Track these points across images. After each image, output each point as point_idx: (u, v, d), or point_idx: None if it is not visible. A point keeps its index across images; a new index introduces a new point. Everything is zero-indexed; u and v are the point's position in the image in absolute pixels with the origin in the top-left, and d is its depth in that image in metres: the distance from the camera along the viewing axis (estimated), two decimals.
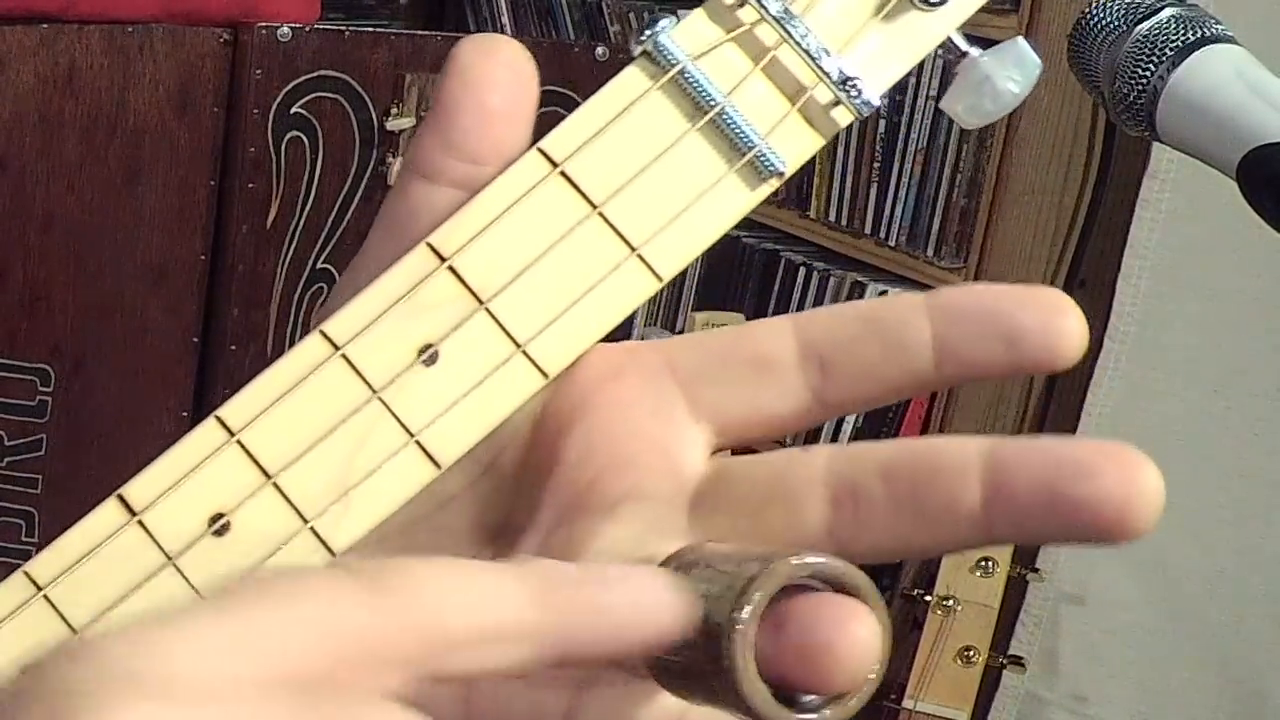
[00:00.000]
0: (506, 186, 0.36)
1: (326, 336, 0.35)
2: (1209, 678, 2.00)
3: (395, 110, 2.01)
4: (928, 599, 1.76)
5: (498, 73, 0.35)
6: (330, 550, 0.35)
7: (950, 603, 1.75)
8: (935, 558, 1.75)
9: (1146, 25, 0.87)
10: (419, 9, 2.88)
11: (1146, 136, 0.89)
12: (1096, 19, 0.90)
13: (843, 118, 0.37)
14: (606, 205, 0.36)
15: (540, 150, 0.36)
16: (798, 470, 0.34)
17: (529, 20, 2.84)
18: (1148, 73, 0.86)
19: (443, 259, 0.35)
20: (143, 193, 1.96)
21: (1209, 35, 0.86)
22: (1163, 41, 0.86)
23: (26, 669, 0.26)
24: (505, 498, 0.37)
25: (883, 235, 2.32)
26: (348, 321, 0.35)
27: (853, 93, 0.36)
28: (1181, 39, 0.86)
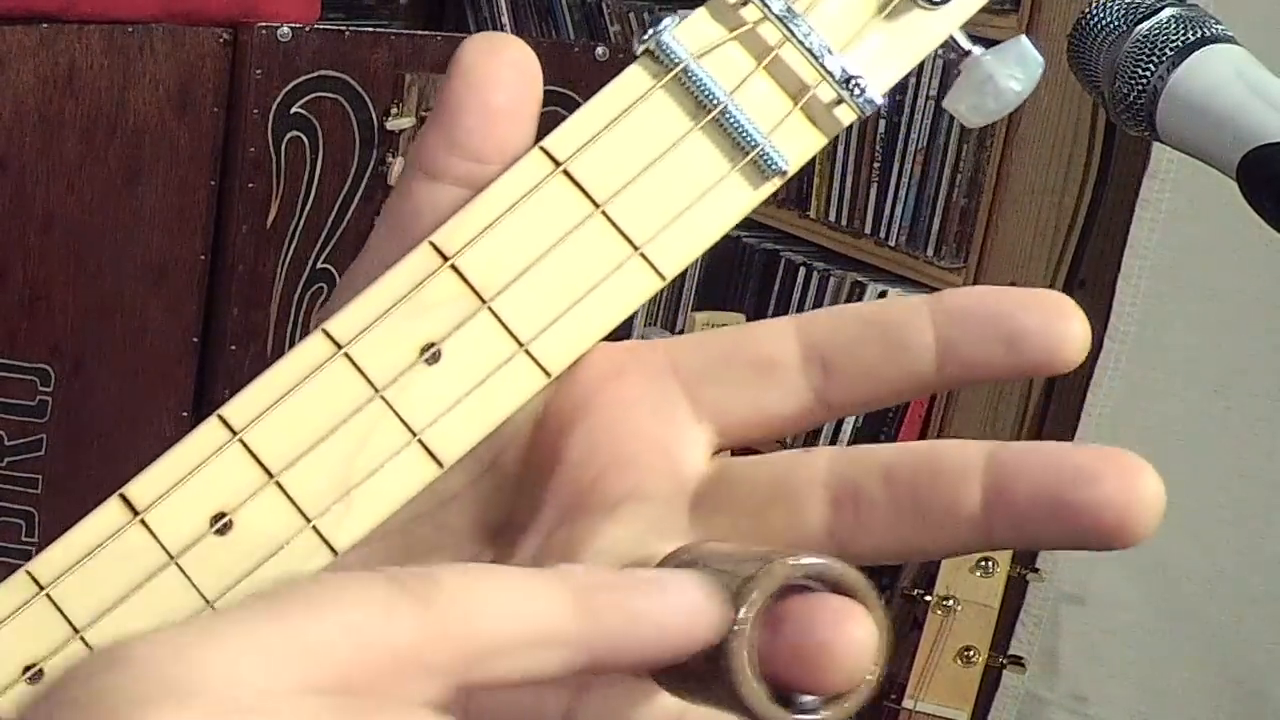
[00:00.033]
0: (509, 186, 0.36)
1: (329, 335, 0.35)
2: (1209, 678, 2.00)
3: (395, 110, 2.01)
4: (928, 599, 1.75)
5: (502, 72, 0.35)
6: (332, 549, 0.35)
7: (950, 603, 1.75)
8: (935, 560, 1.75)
9: (1146, 25, 0.87)
10: (419, 9, 2.88)
11: (1146, 136, 0.89)
12: (1096, 19, 0.89)
13: (845, 116, 0.37)
14: (609, 204, 0.36)
15: (543, 149, 0.36)
16: (799, 471, 0.34)
17: (529, 20, 2.84)
18: (1148, 73, 0.86)
19: (445, 258, 0.35)
20: (143, 193, 1.96)
21: (1209, 35, 0.86)
22: (1163, 41, 0.86)
23: (63, 675, 0.25)
24: (507, 497, 0.37)
25: (883, 235, 2.32)
26: (350, 320, 0.35)
27: (855, 91, 0.36)
28: (1181, 39, 0.86)
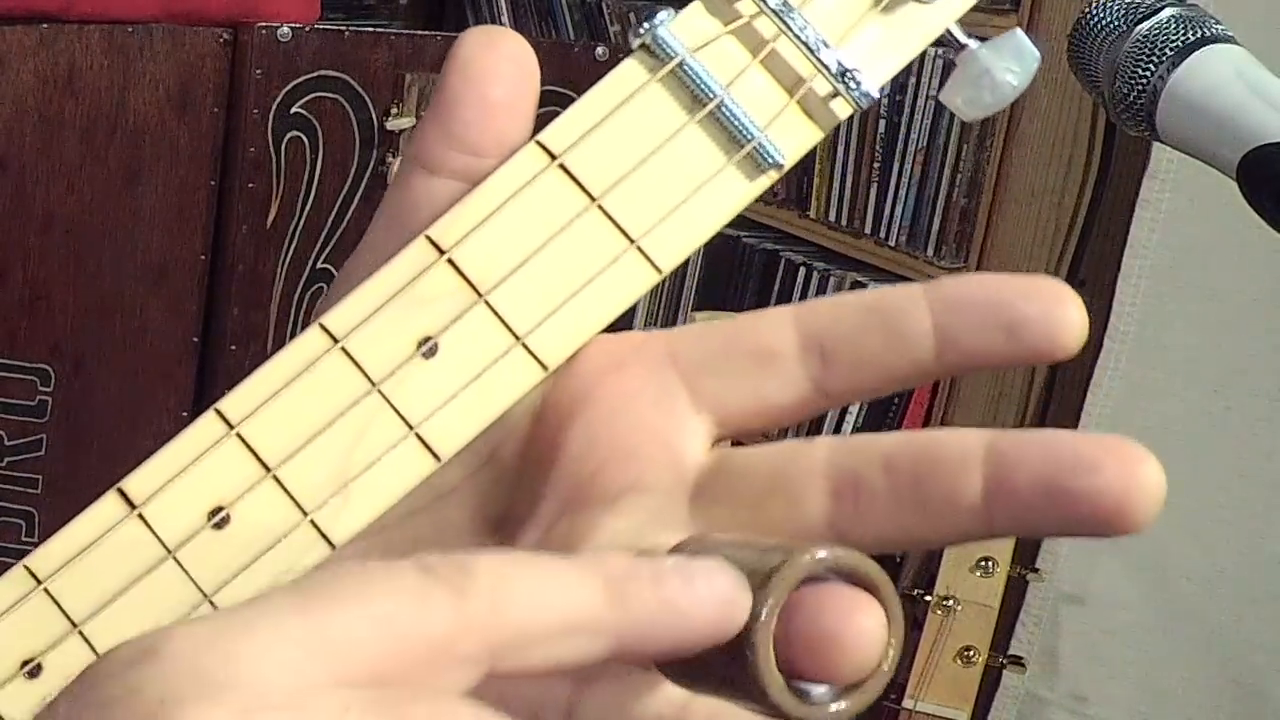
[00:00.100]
0: (505, 179, 0.36)
1: (326, 329, 0.35)
2: (1209, 678, 1.99)
3: (395, 110, 2.01)
4: (927, 599, 1.75)
5: (500, 65, 0.35)
6: (330, 543, 0.35)
7: (950, 603, 1.75)
8: (935, 552, 1.74)
9: (1146, 25, 0.87)
10: (419, 9, 2.88)
11: (1146, 136, 0.89)
12: (1096, 19, 0.89)
13: (842, 110, 0.37)
14: (605, 197, 0.36)
15: (539, 143, 0.36)
16: (799, 462, 0.34)
17: (529, 20, 2.84)
18: (1148, 73, 0.86)
19: (442, 251, 0.35)
20: (143, 193, 1.96)
21: (1209, 35, 0.86)
22: (1163, 41, 0.86)
23: (93, 668, 0.25)
24: (505, 489, 0.37)
25: (883, 235, 2.32)
26: (347, 314, 0.35)
27: (851, 84, 0.36)
28: (1181, 39, 0.86)
